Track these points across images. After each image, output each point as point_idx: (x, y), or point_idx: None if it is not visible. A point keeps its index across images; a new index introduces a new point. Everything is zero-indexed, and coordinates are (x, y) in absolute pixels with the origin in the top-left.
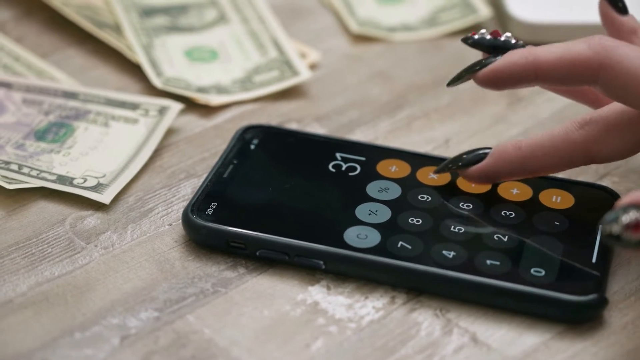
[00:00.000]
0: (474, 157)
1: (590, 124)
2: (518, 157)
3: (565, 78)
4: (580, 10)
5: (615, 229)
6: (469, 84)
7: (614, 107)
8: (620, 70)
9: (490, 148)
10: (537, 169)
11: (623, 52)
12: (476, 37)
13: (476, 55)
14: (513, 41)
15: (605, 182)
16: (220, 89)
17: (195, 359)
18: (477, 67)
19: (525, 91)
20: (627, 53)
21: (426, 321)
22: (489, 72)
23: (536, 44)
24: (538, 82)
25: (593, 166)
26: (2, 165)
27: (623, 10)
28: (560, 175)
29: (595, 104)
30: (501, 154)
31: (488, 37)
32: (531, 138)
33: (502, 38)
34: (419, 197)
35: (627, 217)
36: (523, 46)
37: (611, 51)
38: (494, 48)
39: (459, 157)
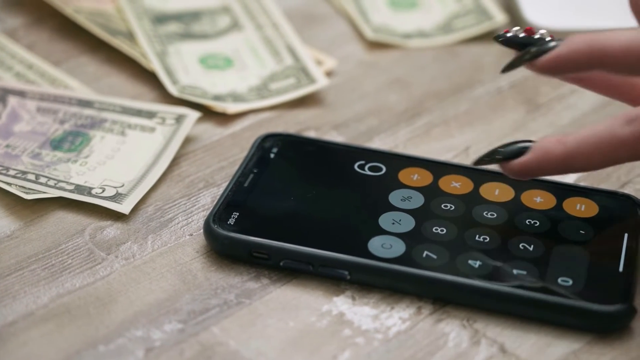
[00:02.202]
0: (515, 150)
1: (637, 120)
2: (562, 153)
3: (631, 66)
4: (596, 16)
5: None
6: (486, 92)
7: None
8: None
9: (531, 141)
10: (581, 166)
11: None
12: (509, 34)
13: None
14: (548, 38)
15: (627, 190)
16: (236, 97)
17: None
18: (537, 54)
19: (544, 98)
20: None
21: (453, 332)
22: (551, 60)
23: None
24: (602, 69)
25: (614, 174)
26: (19, 175)
27: None
28: (583, 183)
29: (634, 102)
30: (545, 150)
31: (522, 34)
32: (574, 134)
33: (537, 36)
34: (442, 206)
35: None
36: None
37: None
38: (528, 46)
39: (495, 151)
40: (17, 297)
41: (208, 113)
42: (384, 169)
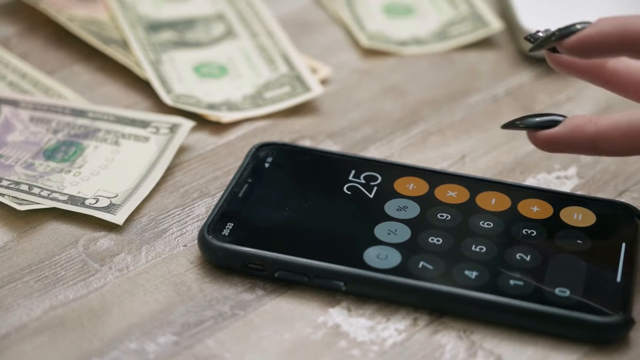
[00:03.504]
0: (547, 121)
1: None
2: (592, 133)
3: None
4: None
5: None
6: (482, 99)
7: None
8: None
9: (563, 116)
10: (609, 149)
11: None
12: (541, 34)
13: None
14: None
15: (624, 199)
16: (230, 106)
17: None
18: (565, 34)
19: (540, 106)
20: None
21: (450, 343)
22: (580, 40)
23: None
24: (631, 54)
25: (612, 182)
26: (12, 186)
27: None
28: (580, 192)
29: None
30: (576, 126)
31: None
32: (608, 116)
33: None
34: (439, 216)
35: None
36: None
37: None
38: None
39: (529, 117)
40: (10, 310)
41: (202, 122)
42: (380, 179)
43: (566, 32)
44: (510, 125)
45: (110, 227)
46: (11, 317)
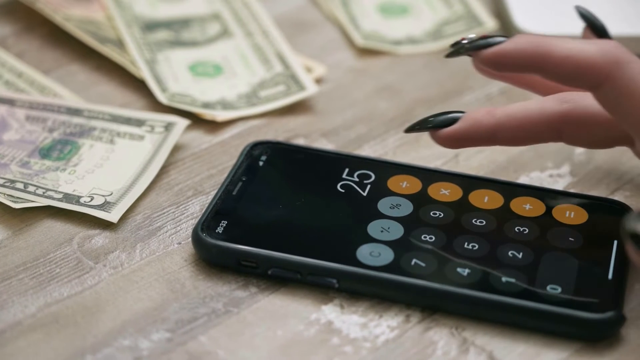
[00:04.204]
0: (446, 119)
1: (570, 102)
2: (491, 124)
3: (570, 78)
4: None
5: None
6: (475, 98)
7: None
8: (626, 88)
9: (462, 112)
10: (507, 139)
11: (635, 69)
12: (464, 41)
13: None
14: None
15: (617, 197)
16: (225, 105)
17: None
18: (482, 44)
19: None
20: (638, 72)
21: (442, 340)
22: (495, 54)
23: None
24: (541, 74)
25: (604, 180)
26: (7, 184)
27: (606, 37)
28: (573, 190)
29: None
30: (474, 120)
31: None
32: (506, 107)
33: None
34: (432, 214)
35: None
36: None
37: (623, 65)
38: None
39: (429, 118)
40: (4, 307)
41: (197, 121)
42: (373, 177)
43: (484, 44)
44: (411, 129)
45: (105, 225)
46: (6, 314)
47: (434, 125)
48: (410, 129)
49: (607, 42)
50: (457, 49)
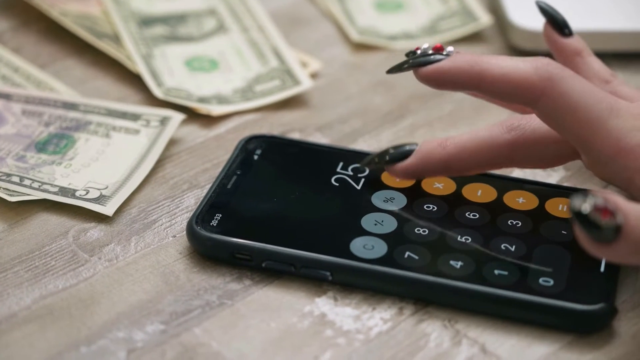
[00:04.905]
0: (400, 153)
1: (517, 130)
2: (443, 156)
3: (506, 95)
4: (580, 18)
5: (585, 206)
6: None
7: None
8: (562, 103)
9: (416, 144)
10: (460, 169)
11: (569, 84)
12: (418, 52)
13: None
14: (443, 54)
15: (609, 190)
16: (221, 99)
17: None
18: (422, 62)
19: None
20: (573, 86)
21: (435, 332)
22: (433, 71)
23: (537, 53)
24: (478, 92)
25: None
26: (3, 178)
27: (567, 33)
28: (566, 183)
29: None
30: (426, 153)
31: (430, 51)
32: (457, 137)
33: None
34: (425, 207)
35: (599, 200)
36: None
37: (557, 81)
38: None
39: (385, 153)
40: (0, 299)
41: (193, 115)
42: (367, 170)
43: (423, 61)
44: (369, 163)
45: (100, 218)
46: (1, 307)
47: (390, 160)
48: (366, 164)
49: (540, 59)
50: (399, 65)
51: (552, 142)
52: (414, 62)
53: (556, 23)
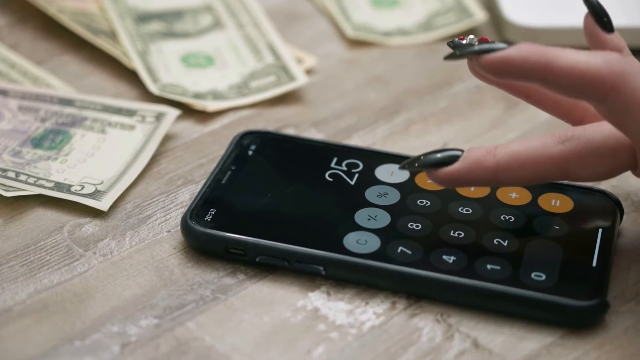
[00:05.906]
0: (445, 157)
1: (571, 140)
2: (491, 165)
3: (573, 89)
4: (576, 14)
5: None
6: (465, 89)
7: (600, 129)
8: (632, 98)
9: (462, 150)
10: (508, 180)
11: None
12: (464, 41)
13: None
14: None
15: (602, 186)
16: (216, 95)
17: None
18: (484, 49)
19: None
20: None
21: (427, 326)
22: (498, 60)
23: None
24: (543, 84)
25: None
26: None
27: (608, 27)
28: None
29: (576, 124)
30: (475, 161)
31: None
32: (507, 146)
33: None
34: (418, 202)
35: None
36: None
37: (629, 76)
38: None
39: (429, 156)
40: None
41: (188, 111)
42: (361, 166)
43: (487, 48)
44: (407, 166)
45: (95, 214)
46: None
47: (433, 164)
48: (407, 166)
49: (610, 54)
50: (456, 53)
51: (608, 152)
52: (476, 49)
53: (599, 17)
